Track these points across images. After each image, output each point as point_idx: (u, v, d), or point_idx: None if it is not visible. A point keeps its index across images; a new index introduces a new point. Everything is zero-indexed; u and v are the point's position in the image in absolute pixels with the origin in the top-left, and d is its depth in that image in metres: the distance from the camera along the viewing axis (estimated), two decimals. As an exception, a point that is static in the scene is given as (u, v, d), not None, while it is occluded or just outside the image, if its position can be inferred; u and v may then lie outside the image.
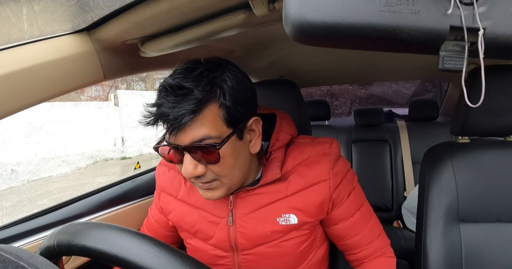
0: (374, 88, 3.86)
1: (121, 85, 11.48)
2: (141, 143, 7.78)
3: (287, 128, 0.67)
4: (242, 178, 0.60)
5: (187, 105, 0.49)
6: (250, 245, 0.64)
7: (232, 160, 0.55)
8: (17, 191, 5.42)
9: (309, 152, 0.65)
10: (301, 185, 0.62)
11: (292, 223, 0.62)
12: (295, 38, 0.35)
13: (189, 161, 0.53)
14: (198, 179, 0.56)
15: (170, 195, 0.70)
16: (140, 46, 0.65)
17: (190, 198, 0.67)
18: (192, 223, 0.67)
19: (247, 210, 0.63)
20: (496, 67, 0.76)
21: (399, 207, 1.74)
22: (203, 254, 0.68)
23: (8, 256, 0.27)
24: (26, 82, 0.51)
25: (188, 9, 0.48)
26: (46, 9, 0.57)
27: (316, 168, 0.63)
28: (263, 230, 0.63)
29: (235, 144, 0.55)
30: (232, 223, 0.64)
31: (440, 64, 0.34)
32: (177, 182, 0.70)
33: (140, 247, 0.34)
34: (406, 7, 0.32)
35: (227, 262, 0.66)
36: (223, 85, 0.52)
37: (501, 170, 0.78)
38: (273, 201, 0.63)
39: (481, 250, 0.76)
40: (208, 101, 0.51)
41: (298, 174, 0.63)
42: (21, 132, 5.92)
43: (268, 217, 0.62)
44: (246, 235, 0.63)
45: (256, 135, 0.59)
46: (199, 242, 0.68)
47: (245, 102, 0.55)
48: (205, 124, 0.51)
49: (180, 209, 0.68)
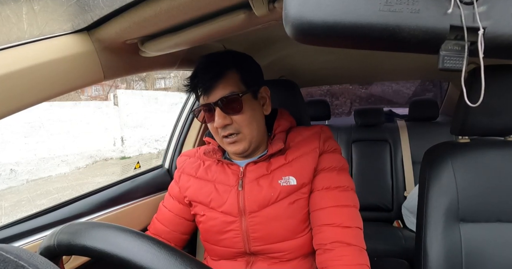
0: (374, 87, 3.86)
1: (121, 85, 11.48)
2: (140, 143, 7.77)
3: (286, 117, 0.83)
4: (259, 135, 0.76)
5: (213, 71, 0.70)
6: (257, 207, 0.73)
7: (252, 114, 0.73)
8: (16, 191, 5.41)
9: (304, 133, 0.79)
10: (297, 154, 0.76)
11: (292, 184, 0.73)
12: (295, 38, 0.35)
13: (219, 113, 0.70)
14: (226, 130, 0.72)
15: (189, 175, 0.84)
16: (140, 46, 0.65)
17: (207, 174, 0.81)
18: (207, 193, 0.78)
19: (254, 177, 0.75)
20: (496, 67, 0.76)
21: (399, 207, 1.74)
22: (214, 222, 0.77)
23: (8, 256, 0.27)
24: (26, 82, 0.51)
25: (188, 9, 0.48)
26: (46, 9, 0.57)
27: (309, 141, 0.77)
28: (268, 192, 0.73)
29: (252, 102, 0.74)
30: (241, 188, 0.75)
31: (440, 63, 0.34)
32: (196, 165, 0.85)
33: (140, 246, 0.34)
34: (406, 6, 0.32)
35: (235, 227, 0.75)
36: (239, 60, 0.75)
37: (501, 169, 0.78)
38: (275, 168, 0.75)
39: (481, 250, 0.76)
40: (228, 67, 0.71)
41: (295, 147, 0.77)
42: (20, 132, 5.92)
43: (272, 180, 0.74)
44: (253, 197, 0.74)
45: (267, 101, 0.79)
46: (212, 211, 0.78)
47: (254, 73, 0.77)
48: (228, 83, 0.71)
49: (197, 184, 0.81)
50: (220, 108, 0.70)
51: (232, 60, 0.74)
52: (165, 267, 0.32)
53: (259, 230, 0.73)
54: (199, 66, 0.74)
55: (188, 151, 0.93)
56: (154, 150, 7.89)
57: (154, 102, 8.09)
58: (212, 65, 0.72)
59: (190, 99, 1.30)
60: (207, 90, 0.70)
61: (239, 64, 0.74)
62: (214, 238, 0.78)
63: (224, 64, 0.72)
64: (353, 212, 0.72)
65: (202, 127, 1.29)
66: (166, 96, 8.51)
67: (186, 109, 1.31)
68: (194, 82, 0.73)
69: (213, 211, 0.78)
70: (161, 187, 1.17)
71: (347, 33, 0.33)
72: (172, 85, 13.37)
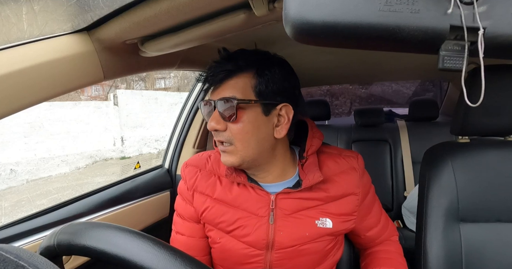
0: (374, 87, 3.86)
1: (121, 85, 11.48)
2: (140, 143, 7.77)
3: (319, 135, 0.72)
4: (257, 155, 0.64)
5: (229, 66, 0.62)
6: (287, 244, 0.67)
7: (251, 128, 0.61)
8: (16, 191, 5.41)
9: (341, 164, 0.72)
10: (338, 194, 0.69)
11: (328, 226, 0.68)
12: (295, 37, 0.35)
13: (214, 115, 0.62)
14: (217, 136, 0.63)
15: (205, 194, 0.71)
16: (140, 46, 0.65)
17: (227, 196, 0.69)
18: (230, 222, 0.68)
19: (288, 211, 0.67)
20: (496, 67, 0.75)
21: (399, 207, 1.74)
22: (232, 253, 0.69)
23: (8, 256, 0.27)
24: (26, 82, 0.51)
25: (188, 9, 0.48)
26: (45, 9, 0.57)
27: (349, 180, 0.70)
28: (303, 231, 0.67)
29: (258, 116, 0.62)
30: (273, 222, 0.67)
31: (440, 63, 0.34)
32: (211, 182, 0.71)
33: (140, 246, 0.34)
34: (406, 6, 0.32)
35: (258, 260, 0.68)
36: (266, 65, 0.63)
37: (501, 170, 0.78)
38: (313, 206, 0.68)
39: (481, 250, 0.76)
40: (246, 69, 0.62)
41: (335, 184, 0.69)
42: (20, 132, 5.92)
43: (308, 219, 0.67)
44: (286, 235, 0.67)
45: (285, 121, 0.64)
46: (232, 240, 0.69)
47: (278, 86, 0.63)
48: (236, 85, 0.61)
49: (217, 207, 0.69)
50: (218, 109, 0.62)
51: (256, 62, 0.63)
52: (165, 267, 0.32)
53: (284, 265, 0.68)
54: (220, 55, 0.65)
55: (195, 159, 0.77)
56: (154, 150, 7.89)
57: (154, 102, 8.09)
58: (231, 59, 0.63)
59: (190, 99, 1.30)
60: (214, 84, 0.63)
61: (262, 70, 0.62)
62: (231, 267, 0.71)
63: (243, 62, 0.62)
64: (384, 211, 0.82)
65: (202, 127, 1.29)
66: (166, 96, 8.52)
67: (186, 109, 1.31)
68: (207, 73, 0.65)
69: (233, 240, 0.69)
70: (161, 187, 1.17)
71: (347, 33, 0.33)
72: (172, 85, 13.37)
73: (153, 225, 1.08)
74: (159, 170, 1.24)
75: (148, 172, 1.20)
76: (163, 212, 1.14)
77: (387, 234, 0.80)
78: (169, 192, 1.18)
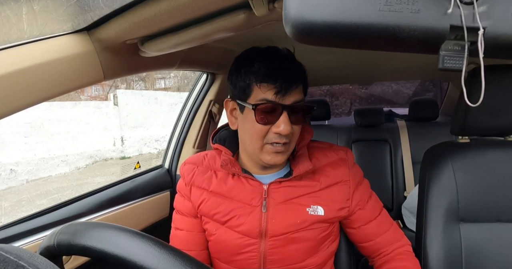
0: (374, 87, 3.86)
1: (121, 85, 11.47)
2: (140, 143, 7.77)
3: (309, 130, 0.76)
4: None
5: (295, 69, 0.65)
6: (280, 232, 0.69)
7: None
8: (16, 191, 5.41)
9: (330, 155, 0.75)
10: (327, 182, 0.71)
11: (319, 214, 0.70)
12: (295, 37, 0.35)
13: (287, 119, 0.63)
14: (282, 138, 0.64)
15: (201, 188, 0.75)
16: (140, 46, 0.65)
17: (222, 188, 0.72)
18: (225, 212, 0.71)
19: (280, 200, 0.70)
20: (496, 67, 0.76)
21: (399, 207, 1.74)
22: (228, 244, 0.71)
23: (8, 256, 0.27)
24: (26, 82, 0.51)
25: (188, 9, 0.48)
26: (45, 9, 0.57)
27: (338, 170, 0.73)
28: (294, 218, 0.69)
29: None
30: (265, 210, 0.70)
31: (440, 63, 0.34)
32: (208, 176, 0.75)
33: (140, 246, 0.34)
34: (406, 6, 0.32)
35: (253, 249, 0.70)
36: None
37: (501, 169, 0.78)
38: (303, 194, 0.70)
39: (481, 250, 0.76)
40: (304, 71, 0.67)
41: (324, 172, 0.72)
42: (20, 132, 5.92)
43: (299, 206, 0.70)
44: (278, 222, 0.69)
45: None
46: (227, 231, 0.71)
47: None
48: (300, 89, 0.66)
49: (213, 199, 0.73)
50: (290, 113, 0.63)
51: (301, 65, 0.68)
52: (165, 267, 0.32)
53: (278, 253, 0.70)
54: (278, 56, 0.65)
55: (193, 157, 0.81)
56: (154, 150, 7.89)
57: (154, 102, 8.09)
58: (293, 62, 0.66)
59: (190, 99, 1.30)
60: (286, 88, 0.62)
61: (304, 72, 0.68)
62: (227, 258, 0.73)
63: (301, 66, 0.67)
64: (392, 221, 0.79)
65: (202, 127, 1.29)
66: (166, 96, 8.52)
67: (186, 109, 1.30)
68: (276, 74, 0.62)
69: (228, 231, 0.71)
70: (161, 187, 1.17)
71: (347, 33, 0.33)
72: (172, 85, 13.38)
73: (153, 225, 1.08)
74: (159, 170, 1.24)
75: (148, 172, 1.20)
76: (163, 212, 1.14)
77: (398, 244, 0.76)
78: (169, 192, 1.18)
